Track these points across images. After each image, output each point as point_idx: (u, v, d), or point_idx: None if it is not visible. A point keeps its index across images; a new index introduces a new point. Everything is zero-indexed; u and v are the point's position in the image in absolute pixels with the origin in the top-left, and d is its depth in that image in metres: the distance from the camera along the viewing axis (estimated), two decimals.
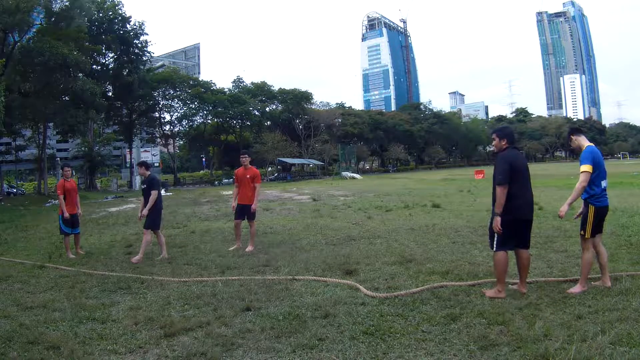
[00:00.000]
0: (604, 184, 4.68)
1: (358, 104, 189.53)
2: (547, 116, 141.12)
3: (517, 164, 4.66)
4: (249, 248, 7.68)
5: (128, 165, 49.01)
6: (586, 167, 4.58)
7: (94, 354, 3.54)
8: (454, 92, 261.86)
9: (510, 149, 4.78)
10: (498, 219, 4.55)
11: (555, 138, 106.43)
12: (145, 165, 7.81)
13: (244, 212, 7.99)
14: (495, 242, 4.65)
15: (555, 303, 4.25)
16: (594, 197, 4.65)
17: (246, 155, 8.22)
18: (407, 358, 3.27)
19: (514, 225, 4.60)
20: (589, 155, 4.63)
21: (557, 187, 20.25)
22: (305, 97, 65.10)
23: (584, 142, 4.81)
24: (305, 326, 3.91)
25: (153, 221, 7.41)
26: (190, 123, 56.79)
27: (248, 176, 8.00)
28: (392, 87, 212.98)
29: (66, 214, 8.00)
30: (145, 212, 7.31)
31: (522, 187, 4.65)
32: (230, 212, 15.11)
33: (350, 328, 3.84)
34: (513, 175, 4.58)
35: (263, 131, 59.43)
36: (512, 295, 4.54)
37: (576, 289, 4.57)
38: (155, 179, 7.70)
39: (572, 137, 4.97)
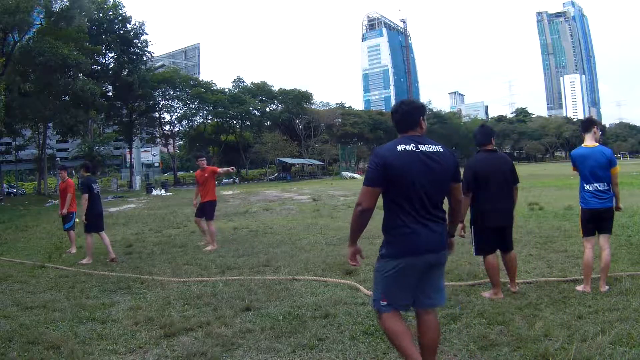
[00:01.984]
0: (588, 187, 4.58)
1: (358, 104, 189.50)
2: (547, 116, 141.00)
3: (482, 170, 4.48)
4: (210, 247, 7.91)
5: (128, 165, 49.04)
6: (572, 169, 4.82)
7: (94, 354, 3.54)
8: (454, 92, 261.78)
9: (482, 152, 4.63)
10: (460, 226, 4.49)
11: (555, 138, 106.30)
12: (83, 167, 8.04)
13: (205, 210, 8.29)
14: (474, 248, 4.67)
15: (555, 303, 4.25)
16: (579, 198, 4.72)
17: (203, 159, 8.78)
18: None
19: (488, 233, 4.52)
20: (571, 158, 4.78)
21: (557, 187, 20.25)
22: (306, 97, 65.06)
23: (585, 141, 4.73)
24: (305, 326, 3.91)
25: (89, 224, 7.47)
26: (190, 123, 56.77)
27: (206, 175, 8.41)
28: (392, 87, 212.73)
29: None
30: (83, 217, 7.49)
31: (490, 194, 4.46)
32: (230, 211, 15.17)
33: (350, 328, 3.84)
34: (478, 182, 4.46)
35: (263, 131, 59.40)
36: (512, 295, 4.54)
37: (579, 287, 4.59)
38: (83, 182, 7.62)
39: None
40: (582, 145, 4.73)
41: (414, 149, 2.62)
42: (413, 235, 2.60)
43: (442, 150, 2.71)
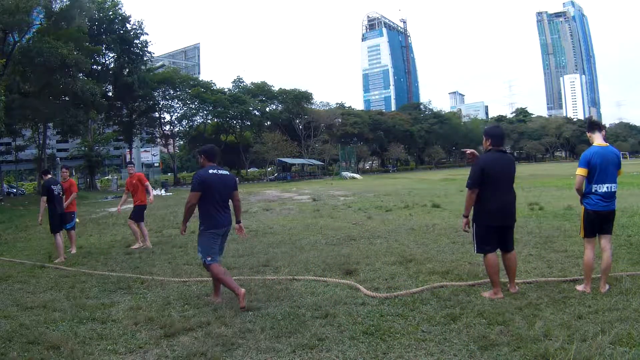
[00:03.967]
0: (598, 188, 4.51)
1: (358, 104, 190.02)
2: (547, 116, 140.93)
3: (492, 168, 4.52)
4: (137, 245, 8.46)
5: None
6: (578, 171, 4.63)
7: (94, 354, 3.54)
8: (454, 92, 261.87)
9: (493, 151, 4.67)
10: (464, 220, 4.73)
11: (555, 138, 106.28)
12: (43, 172, 8.58)
13: (134, 213, 8.79)
14: (475, 245, 4.68)
15: (555, 303, 4.25)
16: (584, 199, 4.65)
17: (132, 165, 9.52)
18: (407, 358, 3.27)
19: (490, 230, 4.56)
20: (583, 158, 4.59)
21: (557, 187, 20.25)
22: (305, 97, 65.07)
23: (594, 140, 4.67)
24: (305, 326, 3.91)
25: (54, 225, 7.89)
26: (190, 123, 56.77)
27: (134, 182, 8.96)
28: (392, 87, 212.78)
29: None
30: (39, 218, 7.98)
31: (496, 193, 4.52)
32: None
33: (350, 328, 3.84)
34: (486, 180, 4.50)
35: (263, 131, 59.40)
36: (512, 295, 4.54)
37: (579, 287, 4.59)
38: (43, 185, 8.10)
39: (587, 133, 4.82)
40: (595, 144, 4.64)
41: (216, 172, 4.79)
42: (216, 217, 4.73)
43: (227, 173, 4.94)
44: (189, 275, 6.04)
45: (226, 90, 58.38)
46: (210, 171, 4.74)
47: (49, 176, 8.23)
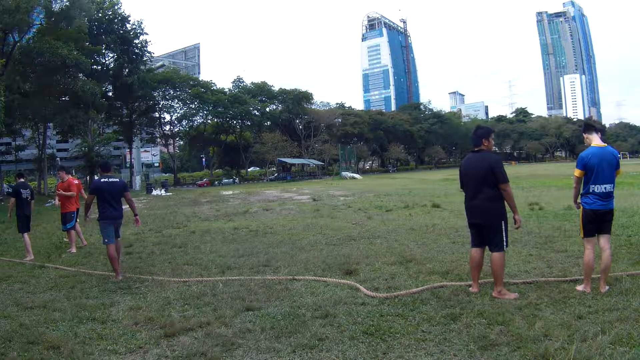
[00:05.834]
0: (595, 188, 4.54)
1: (358, 104, 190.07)
2: (547, 116, 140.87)
3: (463, 169, 4.90)
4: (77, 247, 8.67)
5: (128, 165, 49.01)
6: (574, 172, 4.75)
7: (94, 354, 3.54)
8: (454, 92, 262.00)
9: (470, 152, 4.96)
10: None
11: (555, 138, 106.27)
12: (18, 175, 8.97)
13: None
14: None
15: (555, 303, 4.25)
16: (582, 198, 4.70)
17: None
18: (407, 358, 3.27)
19: (470, 227, 4.89)
20: (580, 159, 4.67)
21: (558, 187, 20.25)
22: (306, 97, 65.02)
23: (591, 141, 4.70)
24: (305, 326, 3.91)
25: (21, 225, 8.11)
26: (190, 123, 56.71)
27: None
28: (392, 87, 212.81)
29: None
30: (9, 214, 8.29)
31: (468, 192, 4.84)
32: (230, 211, 15.17)
33: (350, 328, 3.84)
34: (462, 180, 4.92)
35: (263, 131, 59.34)
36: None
37: (579, 287, 4.60)
38: (13, 188, 8.56)
39: (583, 134, 4.85)
40: (592, 145, 4.67)
41: (107, 180, 6.32)
42: (106, 212, 6.19)
43: (117, 180, 6.50)
44: (189, 275, 6.05)
45: (226, 90, 58.32)
46: (102, 180, 6.33)
47: (21, 180, 8.49)
